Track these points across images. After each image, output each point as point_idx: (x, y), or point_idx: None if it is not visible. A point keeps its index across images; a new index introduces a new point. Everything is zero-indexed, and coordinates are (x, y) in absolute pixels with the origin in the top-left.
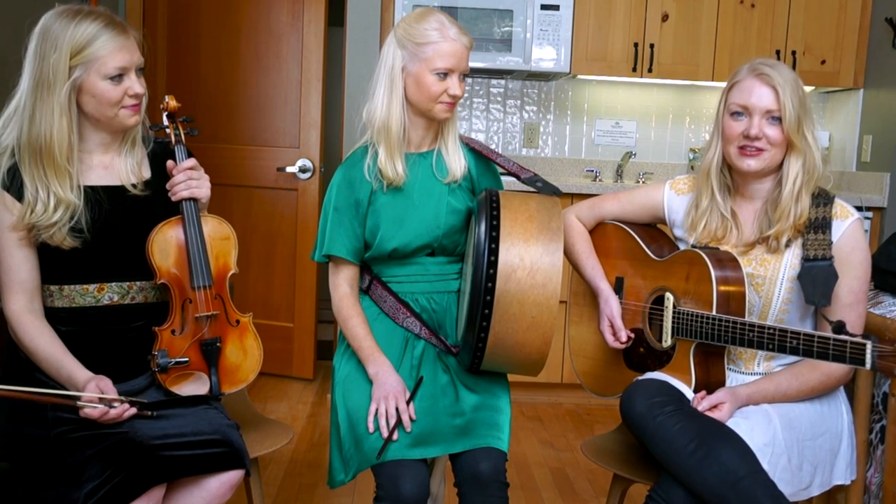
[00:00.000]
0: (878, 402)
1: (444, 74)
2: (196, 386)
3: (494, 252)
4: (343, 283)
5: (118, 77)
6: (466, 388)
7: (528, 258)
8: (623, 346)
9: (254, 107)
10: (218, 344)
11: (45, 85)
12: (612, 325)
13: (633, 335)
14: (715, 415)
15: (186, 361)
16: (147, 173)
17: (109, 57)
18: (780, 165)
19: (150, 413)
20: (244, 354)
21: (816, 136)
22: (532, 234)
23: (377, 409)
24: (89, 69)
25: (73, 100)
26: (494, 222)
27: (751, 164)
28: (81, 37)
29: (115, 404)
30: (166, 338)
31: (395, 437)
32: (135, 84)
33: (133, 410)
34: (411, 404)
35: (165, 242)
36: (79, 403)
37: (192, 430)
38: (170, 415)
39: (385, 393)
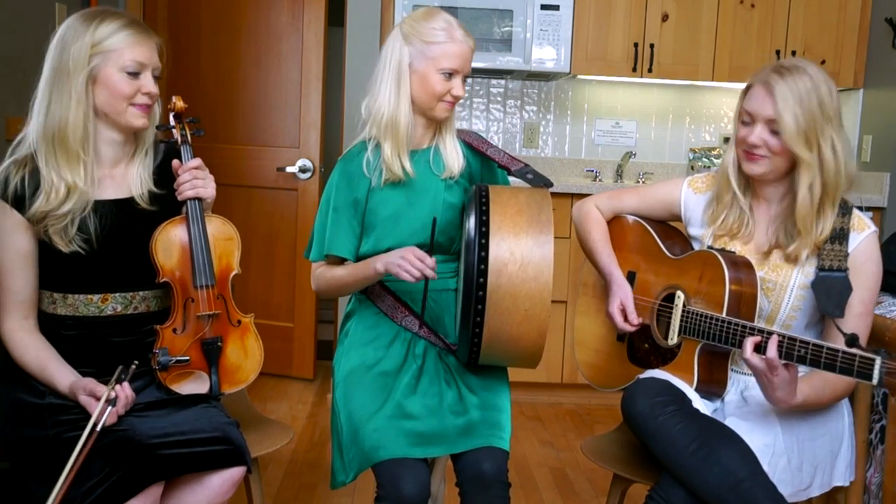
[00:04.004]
0: (878, 402)
1: (450, 75)
2: (196, 385)
3: (484, 247)
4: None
5: (134, 73)
6: (468, 387)
7: (519, 252)
8: (633, 328)
9: (254, 107)
10: (219, 343)
11: (64, 73)
12: (623, 310)
13: (643, 321)
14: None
15: (187, 360)
16: (154, 181)
17: (128, 50)
18: (790, 173)
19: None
20: (245, 355)
21: (840, 148)
22: (522, 227)
23: (402, 266)
24: (107, 59)
25: (90, 89)
26: (484, 217)
27: (753, 168)
28: (105, 29)
29: (113, 393)
30: (167, 336)
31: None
32: (149, 83)
33: (130, 393)
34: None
35: (169, 241)
36: (99, 427)
37: (191, 428)
38: (169, 413)
39: (399, 253)
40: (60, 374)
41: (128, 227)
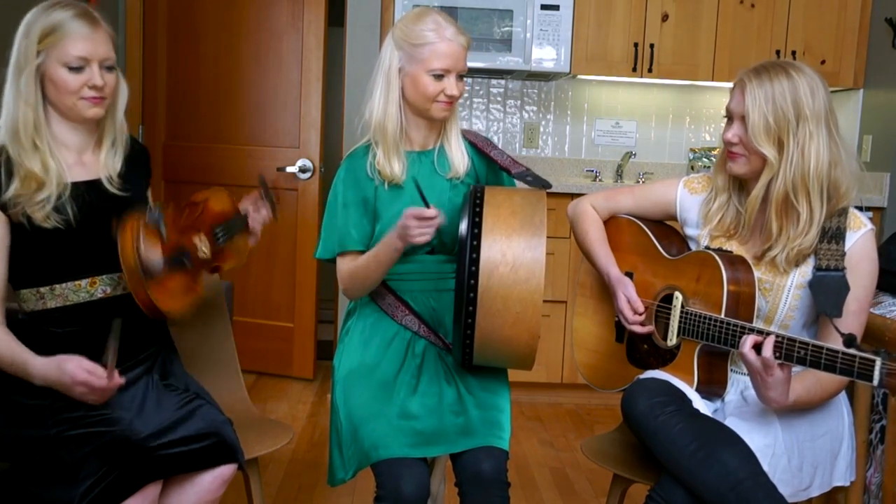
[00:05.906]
0: (878, 402)
1: (441, 75)
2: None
3: (476, 249)
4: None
5: (79, 68)
6: (467, 386)
7: (511, 254)
8: (644, 331)
9: (254, 107)
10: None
11: (18, 70)
12: (629, 304)
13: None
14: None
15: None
16: (121, 168)
17: (70, 45)
18: None
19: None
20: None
21: (817, 149)
22: (514, 229)
23: (413, 235)
24: (50, 55)
25: (38, 86)
26: (477, 219)
27: (733, 168)
28: (49, 23)
29: (110, 354)
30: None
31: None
32: (95, 76)
33: (118, 379)
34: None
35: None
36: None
37: (185, 425)
38: (164, 410)
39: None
40: (36, 359)
41: (103, 206)
